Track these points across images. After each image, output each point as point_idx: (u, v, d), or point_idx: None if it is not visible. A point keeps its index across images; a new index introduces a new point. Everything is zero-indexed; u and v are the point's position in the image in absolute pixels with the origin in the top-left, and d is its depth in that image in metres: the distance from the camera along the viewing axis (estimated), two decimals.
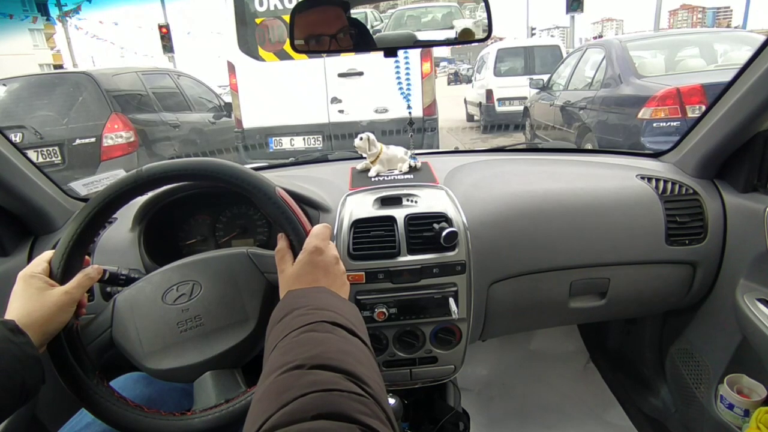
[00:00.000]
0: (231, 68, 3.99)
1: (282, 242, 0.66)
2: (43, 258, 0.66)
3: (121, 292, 0.71)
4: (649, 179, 1.09)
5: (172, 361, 0.66)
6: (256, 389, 0.44)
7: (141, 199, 0.89)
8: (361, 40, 1.03)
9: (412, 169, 1.08)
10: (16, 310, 0.60)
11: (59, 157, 3.63)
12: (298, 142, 4.10)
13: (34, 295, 0.61)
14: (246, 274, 0.69)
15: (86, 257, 0.70)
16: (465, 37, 1.01)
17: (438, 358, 0.97)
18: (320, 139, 4.09)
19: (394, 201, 0.97)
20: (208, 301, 0.68)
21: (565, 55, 6.48)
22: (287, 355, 0.45)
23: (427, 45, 2.74)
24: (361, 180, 1.05)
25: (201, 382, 0.66)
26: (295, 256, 0.64)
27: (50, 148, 3.61)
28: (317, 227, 0.67)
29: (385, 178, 1.05)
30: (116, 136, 3.70)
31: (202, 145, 4.64)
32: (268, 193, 0.66)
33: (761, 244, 0.95)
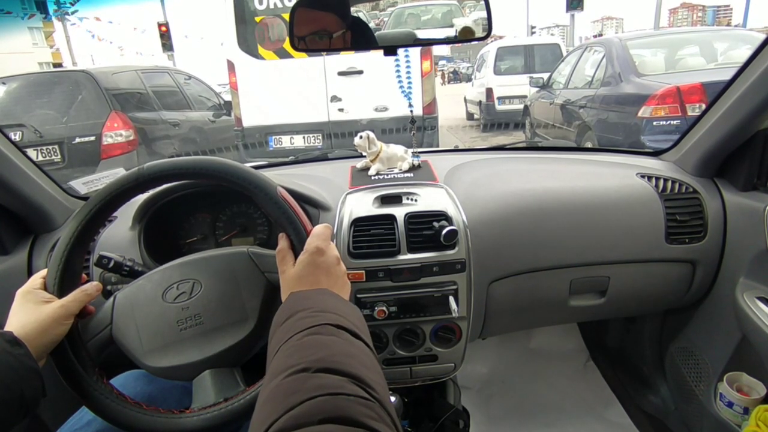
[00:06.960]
0: (231, 67, 3.98)
1: (283, 242, 0.66)
2: (40, 275, 0.67)
3: (122, 290, 0.71)
4: (649, 178, 1.09)
5: (171, 360, 0.66)
6: (261, 391, 0.44)
7: (141, 198, 0.89)
8: (361, 38, 1.02)
9: (412, 168, 1.08)
10: (12, 324, 0.61)
11: (59, 156, 3.62)
12: (298, 141, 4.09)
13: (30, 309, 0.62)
14: (246, 274, 0.69)
15: (84, 275, 0.70)
16: (465, 36, 1.00)
17: (438, 356, 0.97)
18: (320, 137, 4.08)
19: (394, 199, 0.97)
20: (208, 300, 0.68)
21: (565, 54, 6.47)
22: (292, 358, 0.45)
23: (427, 43, 2.72)
24: (361, 178, 1.05)
25: (200, 380, 0.66)
26: (296, 256, 0.64)
27: (50, 147, 3.60)
28: (318, 227, 0.67)
29: (385, 176, 1.05)
30: (116, 134, 3.69)
31: (201, 143, 4.63)
32: (270, 192, 0.66)
33: (761, 242, 0.95)
